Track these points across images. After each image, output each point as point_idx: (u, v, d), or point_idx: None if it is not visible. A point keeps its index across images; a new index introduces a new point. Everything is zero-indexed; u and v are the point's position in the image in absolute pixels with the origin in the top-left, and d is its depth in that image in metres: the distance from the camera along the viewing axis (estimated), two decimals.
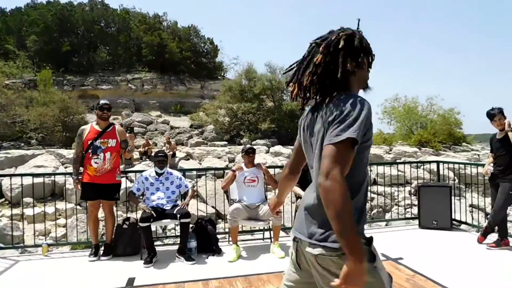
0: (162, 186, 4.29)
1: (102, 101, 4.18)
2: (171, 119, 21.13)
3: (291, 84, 1.49)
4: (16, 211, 7.61)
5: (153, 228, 4.14)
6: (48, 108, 17.72)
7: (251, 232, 5.32)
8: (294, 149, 1.68)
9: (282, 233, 4.75)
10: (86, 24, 25.38)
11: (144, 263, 3.80)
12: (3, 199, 9.03)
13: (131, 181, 9.89)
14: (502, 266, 3.69)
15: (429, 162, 7.94)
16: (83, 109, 19.13)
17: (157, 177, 4.30)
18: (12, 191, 8.42)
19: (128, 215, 4.81)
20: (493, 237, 4.33)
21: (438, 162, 6.19)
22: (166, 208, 4.13)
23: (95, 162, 3.97)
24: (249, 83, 18.47)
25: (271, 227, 4.48)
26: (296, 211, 4.62)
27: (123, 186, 5.22)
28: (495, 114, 4.16)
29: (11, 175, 6.35)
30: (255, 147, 14.82)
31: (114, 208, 4.44)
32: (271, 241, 4.42)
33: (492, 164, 4.36)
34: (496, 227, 4.31)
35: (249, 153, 4.51)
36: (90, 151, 3.99)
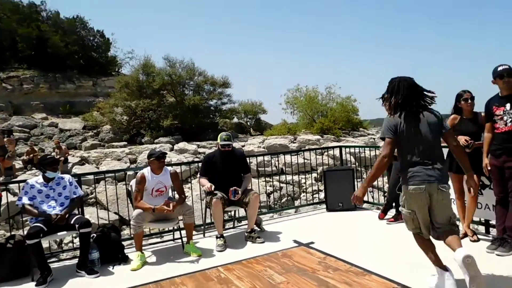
0: (53, 193, 3.76)
1: None
2: (60, 121, 18.97)
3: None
4: None
5: (45, 244, 3.62)
6: None
7: (160, 234, 5.05)
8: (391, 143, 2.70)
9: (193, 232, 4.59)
10: None
11: (37, 285, 3.31)
12: None
13: (14, 194, 8.64)
14: (401, 238, 4.10)
15: (333, 147, 8.49)
16: None
17: (45, 183, 3.76)
18: None
19: (13, 233, 4.13)
20: (392, 212, 4.81)
21: (340, 147, 6.65)
22: (61, 214, 3.62)
23: None
24: (147, 78, 17.49)
25: (180, 225, 4.29)
26: (207, 207, 4.49)
27: (3, 200, 4.49)
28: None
29: None
30: (158, 145, 14.15)
31: None
32: (182, 242, 4.23)
33: None
34: (394, 203, 4.78)
35: (160, 158, 4.07)
36: None
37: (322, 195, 7.13)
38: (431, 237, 2.75)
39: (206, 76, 18.30)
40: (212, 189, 4.21)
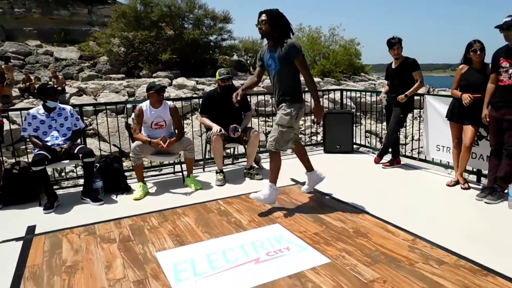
0: (55, 123, 3.78)
1: None
2: (55, 49, 18.39)
3: None
4: None
5: (49, 172, 3.71)
6: None
7: (159, 167, 5.17)
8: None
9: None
10: None
11: (44, 209, 3.45)
12: None
13: (13, 122, 8.66)
14: (395, 181, 4.27)
15: (333, 90, 8.42)
16: None
17: (47, 113, 3.76)
18: None
19: (17, 160, 4.22)
20: (387, 157, 4.91)
21: (341, 90, 6.60)
22: (65, 147, 3.68)
23: None
24: (145, 9, 16.71)
25: (182, 160, 4.38)
26: (207, 142, 4.56)
27: (6, 128, 4.53)
28: (394, 43, 4.43)
29: None
30: (156, 80, 13.94)
31: None
32: (182, 175, 4.36)
33: (385, 94, 4.72)
34: (390, 148, 4.86)
35: (160, 92, 4.02)
36: None
37: (319, 137, 7.20)
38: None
39: (206, 10, 17.53)
40: (222, 132, 4.23)
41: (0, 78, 3.48)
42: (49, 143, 3.67)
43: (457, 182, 3.90)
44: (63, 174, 7.52)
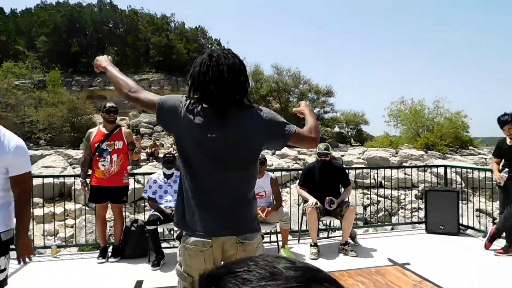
0: (170, 189, 4.31)
1: (108, 104, 4.21)
2: None
3: None
4: None
5: (161, 230, 4.16)
6: (57, 108, 17.89)
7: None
8: None
9: (288, 237, 4.76)
10: (95, 25, 25.58)
11: (152, 266, 3.83)
12: None
13: (138, 182, 9.96)
14: (510, 273, 3.66)
15: (436, 166, 7.89)
16: (91, 110, 19.27)
17: (165, 179, 4.33)
18: None
19: (136, 217, 4.84)
20: (500, 243, 4.29)
21: (445, 166, 6.14)
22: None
23: (102, 165, 4.00)
24: (255, 85, 18.47)
25: (278, 230, 4.48)
26: (303, 214, 4.61)
27: (134, 186, 5.26)
28: (507, 122, 4.08)
29: None
30: (263, 151, 14.91)
31: (122, 210, 4.48)
32: (278, 245, 4.42)
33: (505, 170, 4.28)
34: (504, 233, 4.26)
35: (261, 165, 4.30)
36: (97, 153, 4.03)
37: (421, 214, 6.65)
38: None
39: (310, 85, 18.51)
40: (318, 204, 4.29)
41: (131, 146, 4.16)
42: (162, 206, 4.17)
43: None
44: (172, 232, 8.24)
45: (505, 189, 4.23)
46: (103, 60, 1.79)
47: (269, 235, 4.92)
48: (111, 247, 4.22)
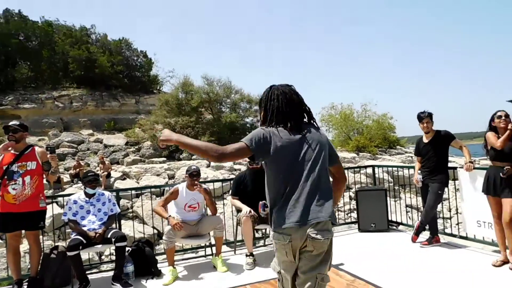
0: (93, 209, 4.01)
1: (11, 123, 3.81)
2: (105, 137, 20.04)
3: None
4: None
5: (86, 255, 3.84)
6: None
7: (195, 249, 5.18)
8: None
9: (225, 248, 4.68)
10: (1, 37, 23.29)
11: None
12: None
13: (61, 206, 9.17)
14: (434, 263, 3.97)
15: (365, 166, 8.36)
16: (1, 132, 17.45)
17: (87, 199, 4.02)
18: None
19: (57, 244, 4.42)
20: (425, 235, 4.64)
21: (373, 166, 6.53)
22: (99, 232, 3.85)
23: (13, 189, 3.59)
24: (186, 96, 18.16)
25: (212, 242, 4.39)
26: (238, 224, 4.57)
27: (53, 212, 4.82)
28: (424, 117, 4.42)
29: None
30: (195, 161, 14.49)
31: (41, 237, 4.05)
32: (212, 255, 4.33)
33: (419, 171, 4.59)
34: (428, 226, 4.61)
35: (193, 176, 4.24)
36: (6, 177, 3.61)
37: (356, 214, 6.98)
38: None
39: (242, 94, 18.70)
40: (252, 213, 4.28)
41: (46, 166, 3.79)
42: (85, 227, 3.86)
43: (504, 262, 3.56)
44: (103, 257, 7.68)
45: (424, 186, 4.56)
46: (170, 135, 1.87)
47: (204, 249, 4.80)
48: (27, 280, 3.78)
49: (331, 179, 2.07)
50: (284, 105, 1.96)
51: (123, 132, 20.35)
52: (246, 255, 4.28)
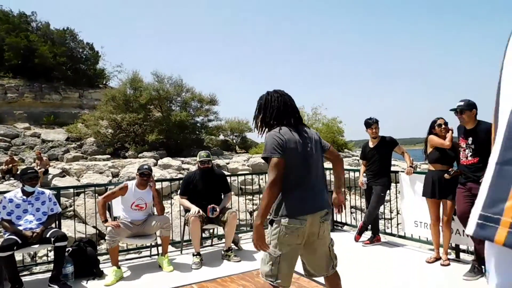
0: (31, 208, 3.74)
1: None
2: (43, 131, 18.71)
3: None
4: None
5: (19, 257, 3.57)
6: None
7: (139, 249, 5.02)
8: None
9: (171, 248, 4.59)
10: None
11: None
12: None
13: None
14: (375, 260, 4.20)
15: None
16: None
17: (24, 197, 3.74)
18: None
19: None
20: (367, 235, 4.89)
21: None
22: (37, 232, 3.59)
23: None
24: (134, 93, 17.51)
25: (158, 242, 4.29)
26: (185, 224, 4.49)
27: None
28: (372, 123, 4.67)
29: None
30: (142, 160, 14.04)
31: None
32: (158, 255, 4.23)
33: (364, 174, 4.84)
34: (369, 226, 4.86)
35: (144, 176, 4.13)
36: None
37: None
38: None
39: (193, 93, 18.43)
40: (200, 213, 4.23)
41: None
42: (21, 227, 3.59)
43: (436, 259, 3.87)
44: (35, 258, 7.16)
45: (368, 188, 4.81)
46: (257, 231, 2.13)
47: (148, 249, 4.67)
48: None
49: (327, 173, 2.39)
50: (283, 106, 2.26)
51: (64, 127, 19.15)
52: (193, 255, 4.24)
